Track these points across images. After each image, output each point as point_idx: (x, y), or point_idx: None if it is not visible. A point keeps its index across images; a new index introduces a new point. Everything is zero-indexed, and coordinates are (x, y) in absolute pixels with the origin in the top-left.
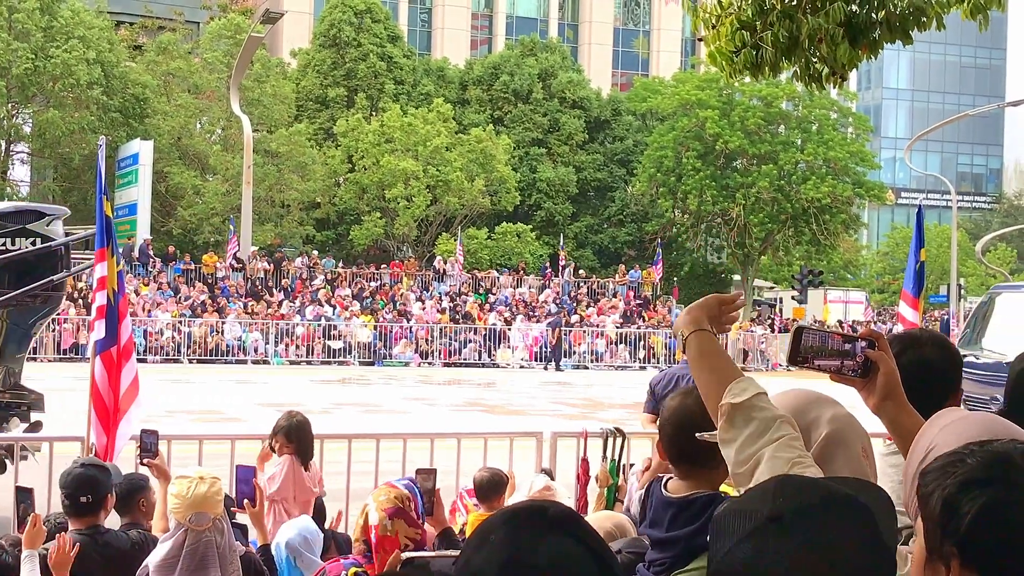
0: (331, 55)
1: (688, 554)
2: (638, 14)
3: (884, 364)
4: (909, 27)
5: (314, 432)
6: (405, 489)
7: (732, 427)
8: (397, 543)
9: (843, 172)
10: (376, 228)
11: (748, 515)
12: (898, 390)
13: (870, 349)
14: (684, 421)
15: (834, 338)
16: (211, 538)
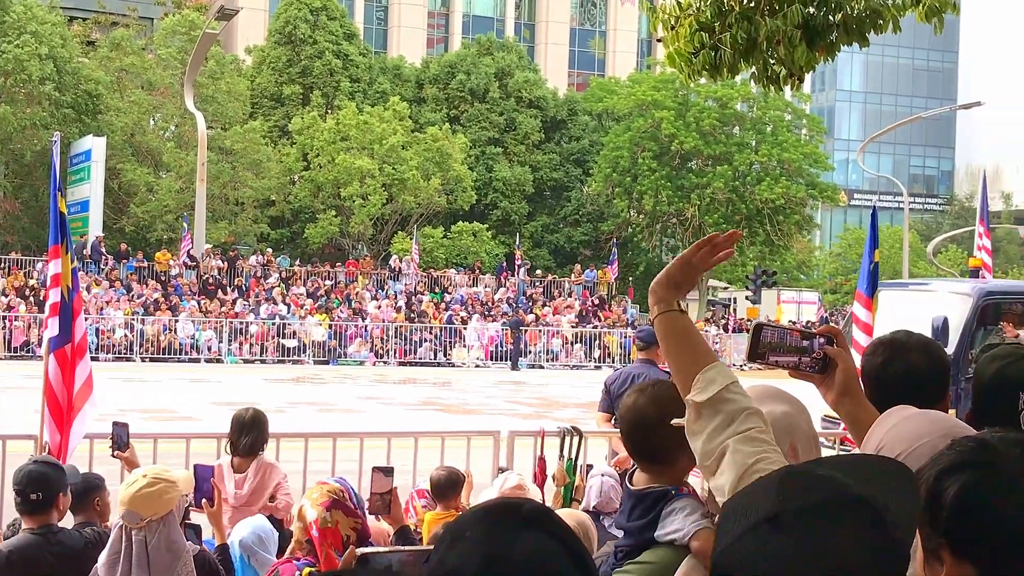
0: (286, 52)
1: (639, 547)
2: (594, 14)
3: (842, 360)
4: (866, 29)
5: (269, 431)
6: (337, 484)
7: (699, 419)
8: (339, 535)
9: (797, 173)
10: (331, 226)
11: (748, 511)
12: (855, 385)
13: (828, 345)
14: (637, 419)
15: (793, 335)
16: (141, 538)
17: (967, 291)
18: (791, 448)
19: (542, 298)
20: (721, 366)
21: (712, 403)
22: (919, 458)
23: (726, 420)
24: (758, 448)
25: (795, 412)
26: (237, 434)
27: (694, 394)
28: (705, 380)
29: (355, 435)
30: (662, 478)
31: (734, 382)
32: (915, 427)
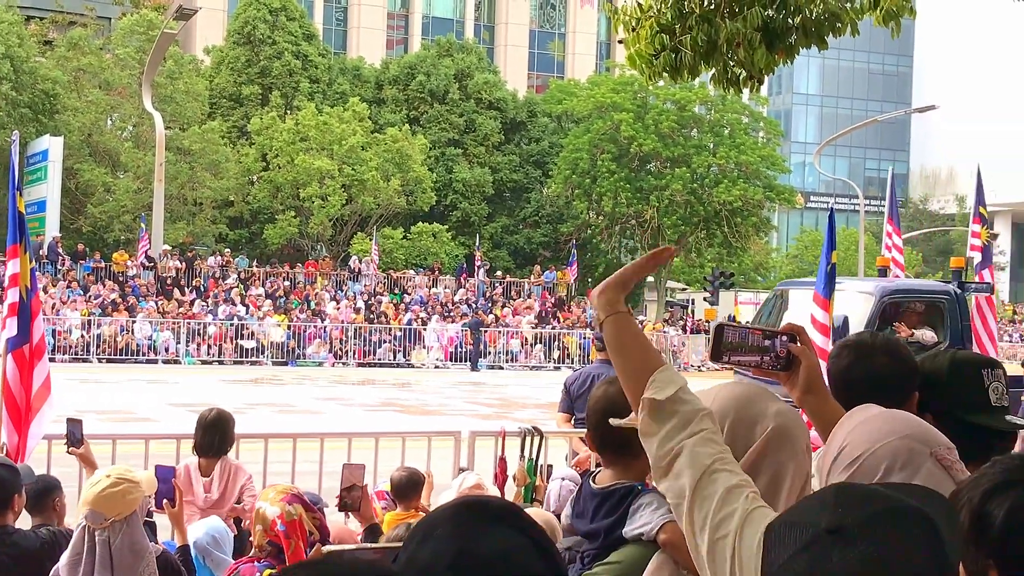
0: (245, 52)
1: (607, 547)
2: (554, 17)
3: (805, 358)
4: (824, 32)
5: (234, 432)
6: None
7: (654, 421)
8: (304, 528)
9: (754, 176)
10: (290, 227)
11: (805, 526)
12: (820, 383)
13: (791, 343)
14: (607, 409)
15: (755, 334)
16: (104, 538)
17: (870, 290)
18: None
19: (502, 299)
20: (671, 371)
21: (670, 403)
22: (879, 460)
23: (682, 422)
24: (715, 450)
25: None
26: (201, 435)
27: (653, 392)
28: (662, 380)
29: (315, 436)
30: (628, 473)
31: (685, 387)
32: (877, 428)
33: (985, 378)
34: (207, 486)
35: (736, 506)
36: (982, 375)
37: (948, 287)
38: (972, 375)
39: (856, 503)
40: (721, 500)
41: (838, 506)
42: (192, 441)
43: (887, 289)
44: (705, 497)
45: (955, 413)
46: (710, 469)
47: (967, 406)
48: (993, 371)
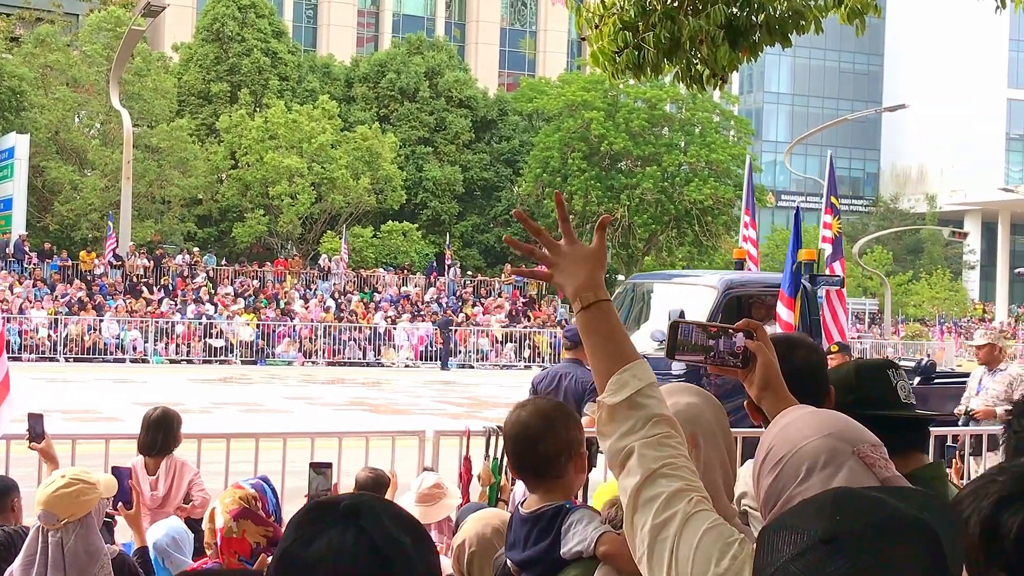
0: (214, 50)
1: (548, 572)
2: (525, 15)
3: (763, 355)
4: (788, 30)
5: (193, 431)
6: (252, 489)
7: (610, 422)
8: (246, 544)
9: (725, 174)
10: (259, 225)
11: (799, 533)
12: (777, 380)
13: (748, 339)
14: (520, 434)
15: (711, 331)
16: (58, 539)
17: (713, 283)
18: (691, 438)
19: (472, 298)
20: (637, 366)
21: (623, 406)
22: (801, 460)
23: (636, 424)
24: (664, 453)
25: (703, 404)
26: (145, 433)
27: (606, 396)
28: (618, 383)
29: (278, 435)
30: (553, 494)
31: (649, 384)
32: (800, 428)
33: (891, 378)
34: (153, 484)
35: (678, 508)
36: (888, 375)
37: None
38: (879, 376)
39: (853, 512)
40: (664, 503)
41: (835, 514)
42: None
43: (731, 282)
44: (648, 499)
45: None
46: (656, 473)
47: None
48: (896, 371)
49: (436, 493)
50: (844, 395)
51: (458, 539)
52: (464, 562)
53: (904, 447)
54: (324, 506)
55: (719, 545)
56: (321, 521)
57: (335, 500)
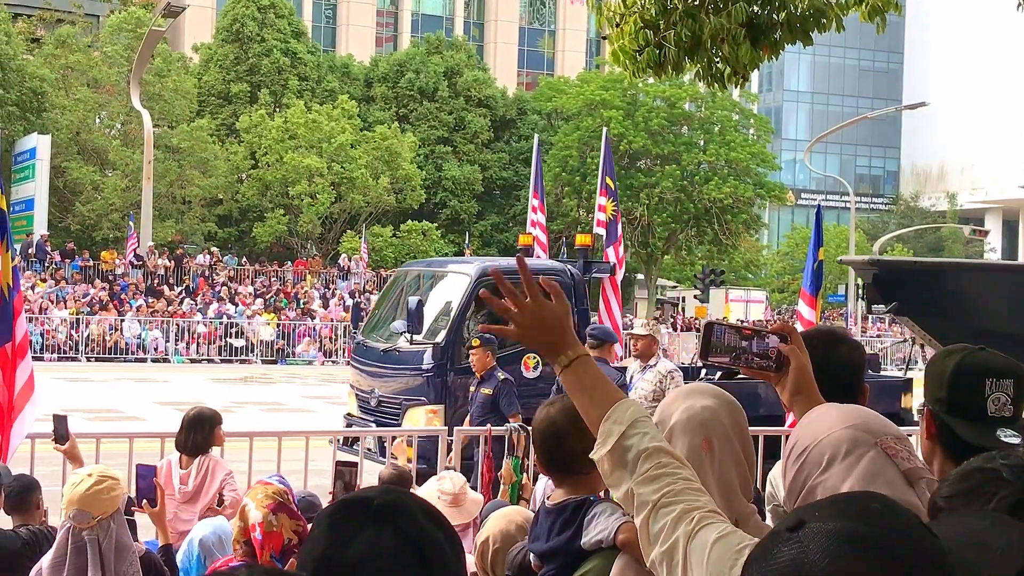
0: (234, 50)
1: (569, 563)
2: (543, 13)
3: (796, 358)
4: (809, 28)
5: (219, 431)
6: (280, 484)
7: (610, 474)
8: (282, 538)
9: (744, 173)
10: (279, 225)
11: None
12: (810, 384)
13: (782, 343)
14: (549, 431)
15: (745, 333)
16: (93, 537)
17: (468, 271)
18: (705, 441)
19: None
20: (618, 410)
21: (612, 456)
22: (823, 450)
23: (628, 468)
24: (659, 485)
25: (718, 407)
26: (183, 432)
27: (594, 451)
28: (604, 434)
29: (300, 434)
30: (579, 489)
31: (631, 424)
32: (824, 420)
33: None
34: (184, 478)
35: (679, 532)
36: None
37: (562, 267)
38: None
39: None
40: (667, 532)
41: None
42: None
43: (486, 269)
44: (655, 534)
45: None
46: (656, 505)
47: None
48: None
49: (462, 495)
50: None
51: (482, 536)
52: (488, 559)
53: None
54: (355, 504)
55: (729, 554)
56: (355, 520)
57: (366, 497)
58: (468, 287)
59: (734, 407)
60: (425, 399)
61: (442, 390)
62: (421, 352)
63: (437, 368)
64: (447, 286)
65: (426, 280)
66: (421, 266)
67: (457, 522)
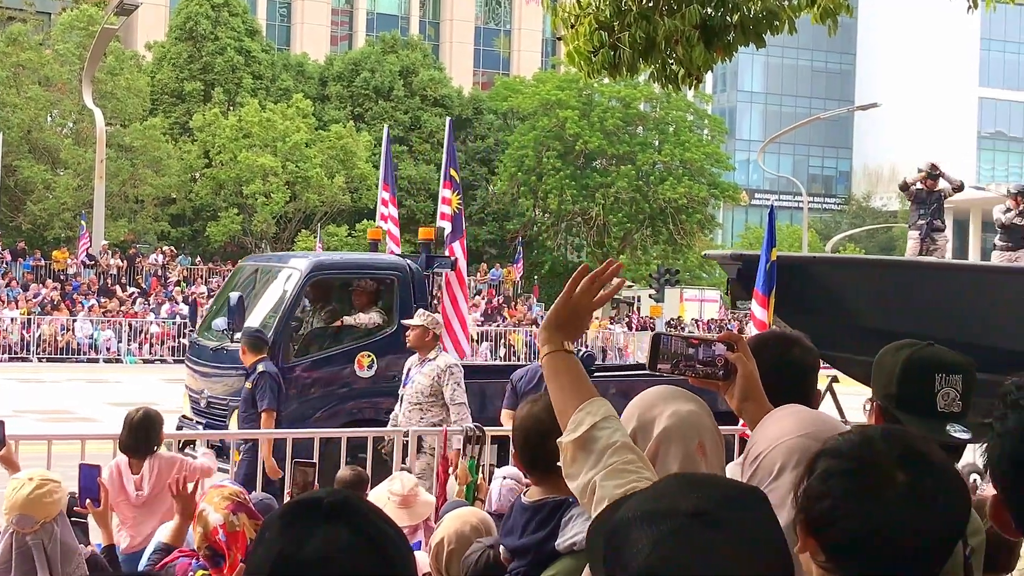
0: (187, 48)
1: (539, 562)
2: (499, 13)
3: (743, 366)
4: (762, 30)
5: (163, 431)
6: (234, 486)
7: (573, 462)
8: (247, 537)
9: (699, 173)
10: (233, 224)
11: (661, 515)
12: (758, 391)
13: (729, 351)
14: (532, 428)
15: (693, 342)
16: (38, 541)
17: (299, 266)
18: (699, 446)
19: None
20: (593, 404)
21: (580, 443)
22: (774, 459)
23: (595, 459)
24: (623, 480)
25: (701, 410)
26: (128, 434)
27: (564, 436)
28: (575, 422)
29: (254, 435)
30: (558, 489)
31: (604, 418)
32: (779, 427)
33: (937, 383)
34: (137, 484)
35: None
36: (934, 378)
37: (399, 262)
38: (925, 378)
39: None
40: None
41: (691, 493)
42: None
43: (318, 264)
44: None
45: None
46: (619, 500)
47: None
48: (949, 375)
49: (415, 495)
50: (886, 385)
51: (437, 536)
52: (443, 560)
53: None
54: (306, 504)
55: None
56: (308, 520)
57: (315, 498)
58: (298, 282)
59: (708, 410)
60: None
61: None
62: None
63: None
64: (279, 281)
65: (261, 275)
66: (260, 261)
67: (407, 523)
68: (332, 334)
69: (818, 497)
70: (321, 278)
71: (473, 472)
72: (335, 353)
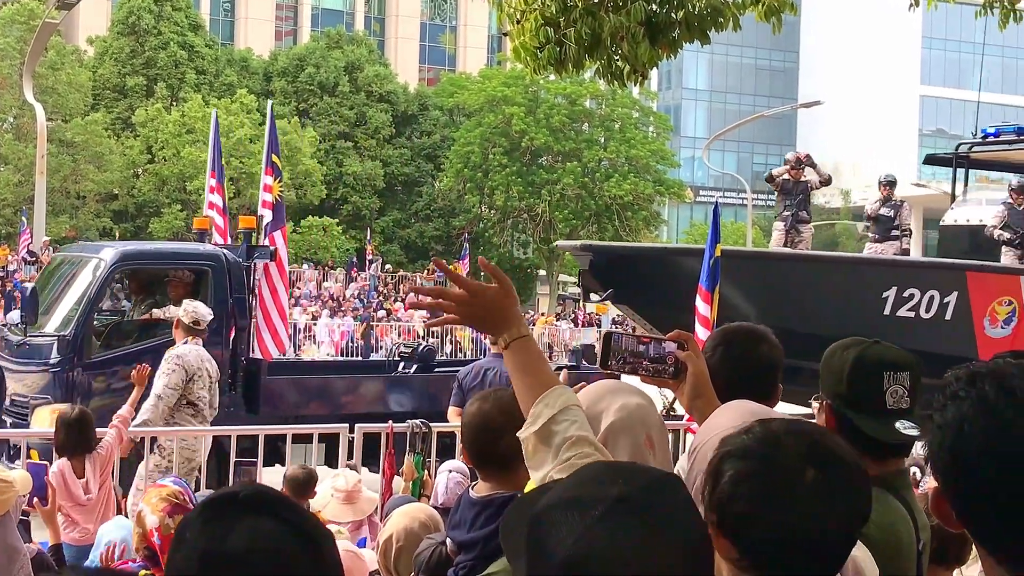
0: (130, 43)
1: (486, 557)
2: (445, 9)
3: (693, 364)
4: (707, 27)
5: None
6: (175, 486)
7: (532, 455)
8: None
9: (644, 170)
10: (177, 221)
11: (588, 502)
12: (708, 388)
13: (679, 350)
14: (482, 426)
15: (644, 340)
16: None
17: (103, 256)
18: (647, 439)
19: (394, 293)
20: (551, 394)
21: (539, 436)
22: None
23: (552, 452)
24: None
25: (647, 404)
26: (64, 434)
27: (522, 431)
28: (534, 414)
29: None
30: (507, 484)
31: (562, 410)
32: (720, 418)
33: (885, 381)
34: (85, 487)
35: None
36: (883, 377)
37: (214, 252)
38: (873, 376)
39: (629, 476)
40: None
41: (616, 480)
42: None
43: (124, 255)
44: None
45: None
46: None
47: (861, 405)
48: (897, 373)
49: (356, 492)
50: (835, 384)
51: (385, 533)
52: (391, 557)
53: (880, 453)
54: (223, 499)
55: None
56: (228, 514)
57: (231, 492)
58: (102, 273)
59: (654, 403)
60: (51, 398)
61: (69, 387)
62: (48, 345)
63: (63, 363)
64: (85, 272)
65: (70, 266)
66: (72, 251)
67: (351, 519)
68: (141, 328)
69: (730, 500)
70: (129, 269)
71: (419, 469)
72: (144, 348)
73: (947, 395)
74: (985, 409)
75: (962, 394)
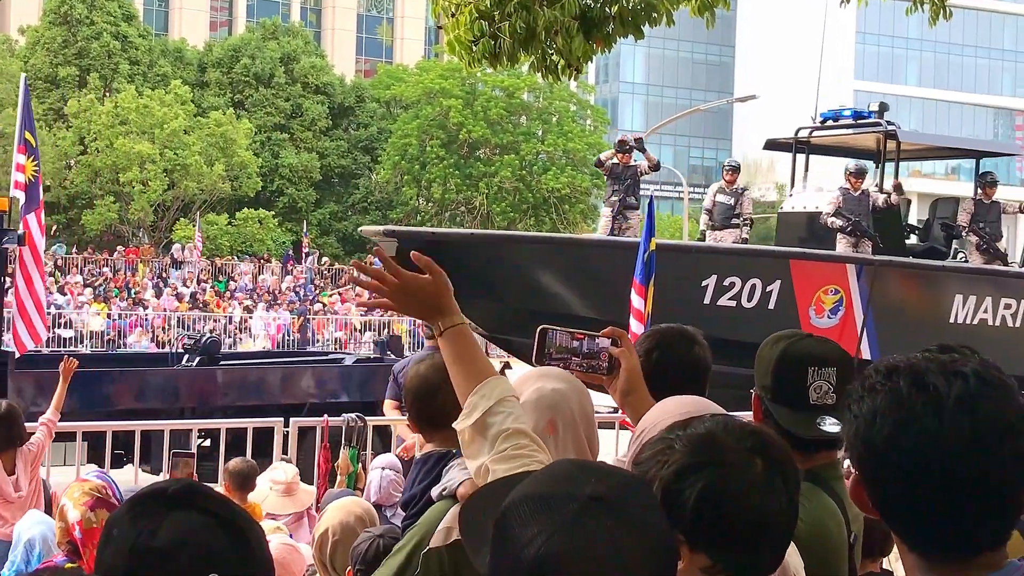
0: (62, 33)
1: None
2: (382, 1)
3: (626, 360)
4: (641, 22)
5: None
6: (98, 480)
7: (469, 445)
8: None
9: (582, 163)
10: (110, 213)
11: (560, 500)
12: (640, 385)
13: (613, 346)
14: (420, 387)
15: (577, 336)
16: None
17: None
18: (550, 423)
19: (330, 286)
20: (486, 386)
21: (475, 428)
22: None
23: (488, 444)
24: (515, 464)
25: (568, 390)
26: None
27: (458, 422)
28: (469, 406)
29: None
30: (446, 443)
31: (499, 401)
32: (662, 410)
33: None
34: (15, 484)
35: None
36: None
37: None
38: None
39: (600, 475)
40: None
41: (588, 478)
42: None
43: None
44: None
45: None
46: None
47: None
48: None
49: (294, 484)
50: (763, 377)
51: (321, 527)
52: (327, 551)
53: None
54: (151, 495)
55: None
56: (156, 509)
57: (159, 488)
58: None
59: (583, 393)
60: None
61: None
62: None
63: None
64: None
65: None
66: None
67: (290, 510)
68: None
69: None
70: None
71: (354, 462)
72: None
73: (865, 387)
74: (897, 403)
75: (878, 387)
